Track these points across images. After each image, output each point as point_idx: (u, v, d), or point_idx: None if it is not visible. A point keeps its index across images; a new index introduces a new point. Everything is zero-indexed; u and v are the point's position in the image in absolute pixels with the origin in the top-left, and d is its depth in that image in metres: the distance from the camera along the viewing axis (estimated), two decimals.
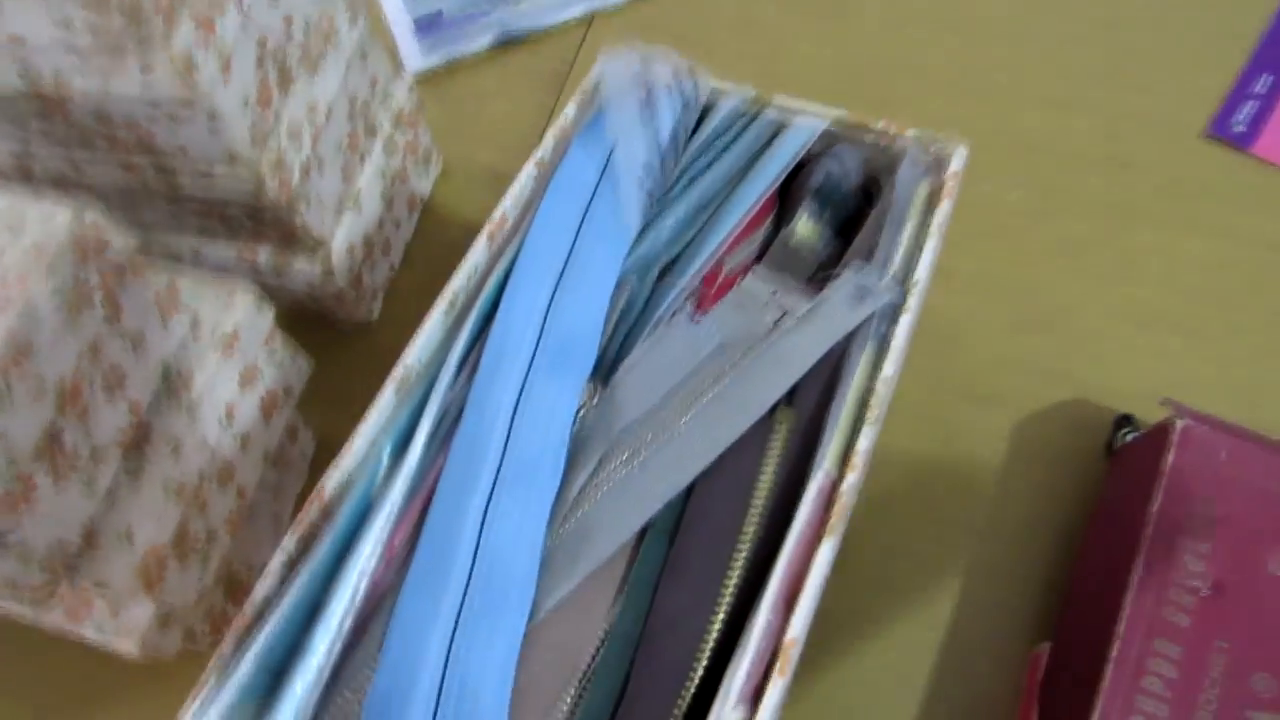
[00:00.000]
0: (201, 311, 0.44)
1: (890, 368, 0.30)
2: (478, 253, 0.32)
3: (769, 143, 0.34)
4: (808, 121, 0.35)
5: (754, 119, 0.35)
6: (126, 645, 0.42)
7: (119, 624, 0.42)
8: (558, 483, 0.27)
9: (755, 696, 0.25)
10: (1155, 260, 0.58)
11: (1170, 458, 0.44)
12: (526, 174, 0.34)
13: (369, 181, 0.57)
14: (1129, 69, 0.66)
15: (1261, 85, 0.63)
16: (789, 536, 0.27)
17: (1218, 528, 0.43)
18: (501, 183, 0.66)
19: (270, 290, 0.51)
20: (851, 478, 0.28)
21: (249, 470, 0.47)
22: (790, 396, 0.30)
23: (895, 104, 0.63)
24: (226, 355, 0.44)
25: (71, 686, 0.51)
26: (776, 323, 0.30)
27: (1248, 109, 0.62)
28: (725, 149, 0.34)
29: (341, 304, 0.58)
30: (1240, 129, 0.62)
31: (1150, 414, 0.52)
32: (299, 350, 0.51)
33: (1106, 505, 0.49)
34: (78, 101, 0.43)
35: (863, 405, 0.30)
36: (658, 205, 0.33)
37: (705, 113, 0.36)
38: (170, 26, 0.39)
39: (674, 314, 0.30)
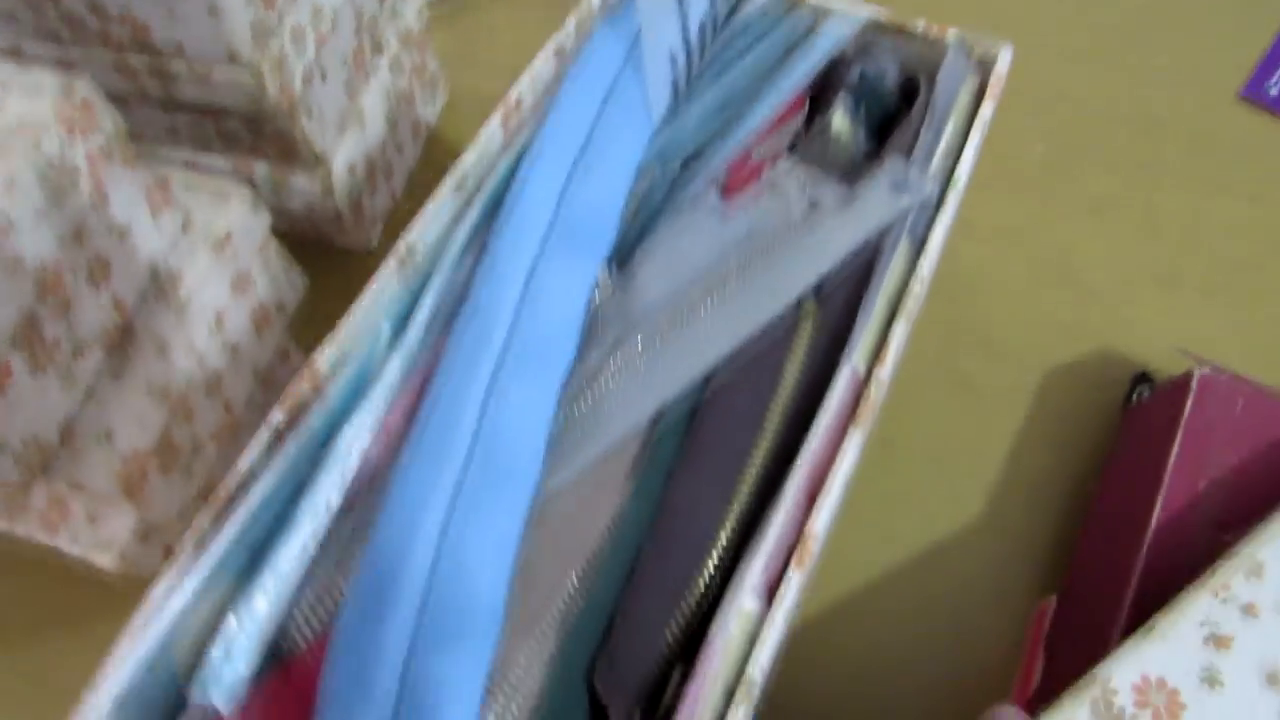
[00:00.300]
0: (194, 210, 0.42)
1: (926, 268, 0.28)
2: (490, 134, 0.30)
3: (803, 38, 0.33)
4: (843, 19, 0.33)
5: (788, 14, 0.33)
6: (105, 559, 0.40)
7: (97, 534, 0.40)
8: (568, 363, 0.25)
9: (771, 591, 0.23)
10: (1180, 220, 0.56)
11: (1189, 408, 0.43)
12: (544, 59, 0.32)
13: (373, 100, 0.55)
14: (1165, 25, 0.64)
15: None
16: (814, 429, 0.25)
17: (1234, 479, 0.42)
18: None
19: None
20: (882, 371, 0.26)
21: (237, 384, 0.45)
22: (817, 291, 0.28)
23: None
24: (218, 257, 0.42)
25: (46, 612, 0.49)
26: (807, 214, 0.28)
27: None
28: (756, 42, 0.32)
29: (340, 228, 0.56)
30: (1275, 92, 0.60)
31: (1167, 374, 0.50)
32: (294, 266, 0.49)
33: (1121, 461, 0.48)
34: None
35: (895, 304, 0.28)
36: (684, 96, 0.31)
37: (736, 5, 0.34)
38: None
39: (698, 200, 0.28)
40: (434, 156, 0.62)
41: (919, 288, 0.28)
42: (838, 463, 0.24)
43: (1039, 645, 0.44)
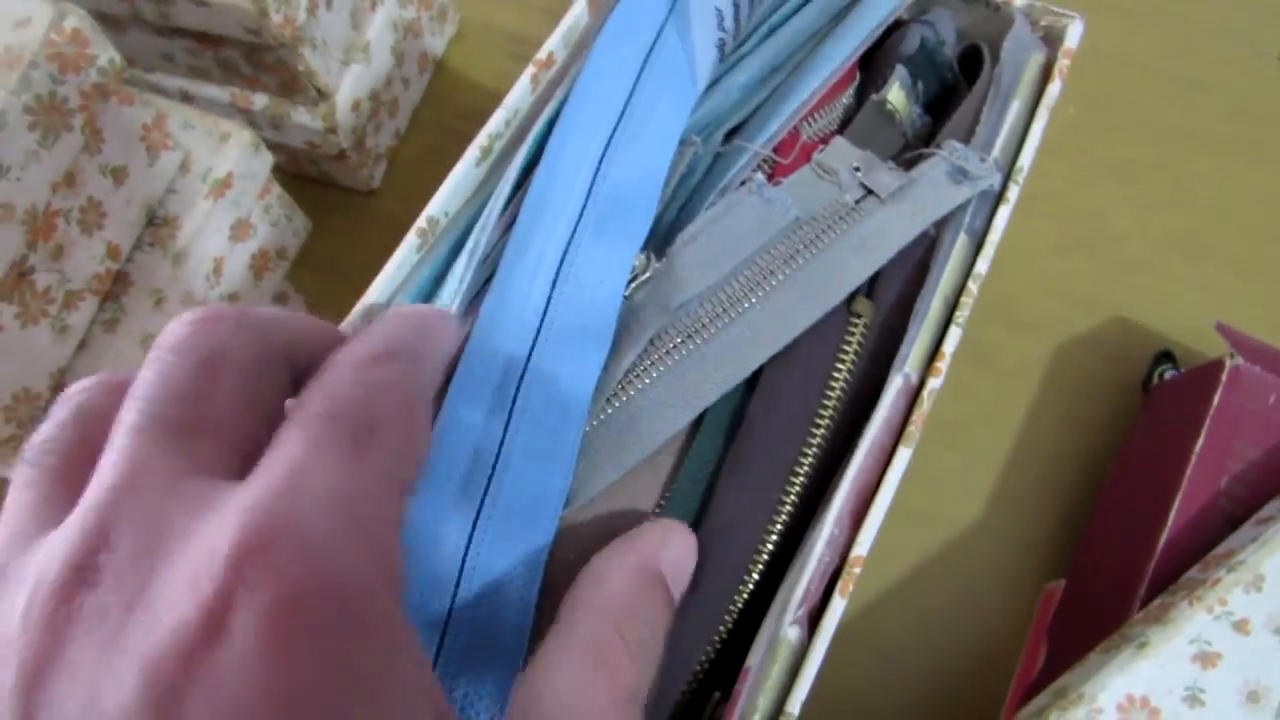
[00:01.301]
0: (193, 151, 0.40)
1: (984, 265, 0.26)
2: (519, 94, 0.28)
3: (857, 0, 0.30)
4: None
5: None
6: None
7: None
8: (604, 356, 0.23)
9: (812, 616, 0.22)
10: (1213, 190, 0.55)
11: (1218, 399, 0.42)
12: (578, 10, 0.29)
13: (379, 32, 0.52)
14: None
15: None
16: (861, 443, 0.23)
17: (1260, 477, 0.41)
18: (524, 48, 0.61)
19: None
20: (934, 382, 0.25)
21: None
22: (870, 287, 0.26)
23: None
24: (217, 202, 0.40)
25: None
26: (859, 201, 0.26)
27: None
28: (806, 2, 0.30)
29: (342, 167, 0.53)
30: None
31: (1191, 352, 0.49)
32: (296, 210, 0.47)
33: (1139, 443, 0.47)
34: None
35: (951, 305, 0.27)
36: (729, 59, 0.29)
37: None
38: None
39: (743, 182, 0.26)
40: (440, 91, 0.59)
41: (975, 287, 0.26)
42: (885, 482, 0.23)
43: (1043, 631, 0.43)
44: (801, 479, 0.24)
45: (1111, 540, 0.44)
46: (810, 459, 0.24)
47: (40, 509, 0.16)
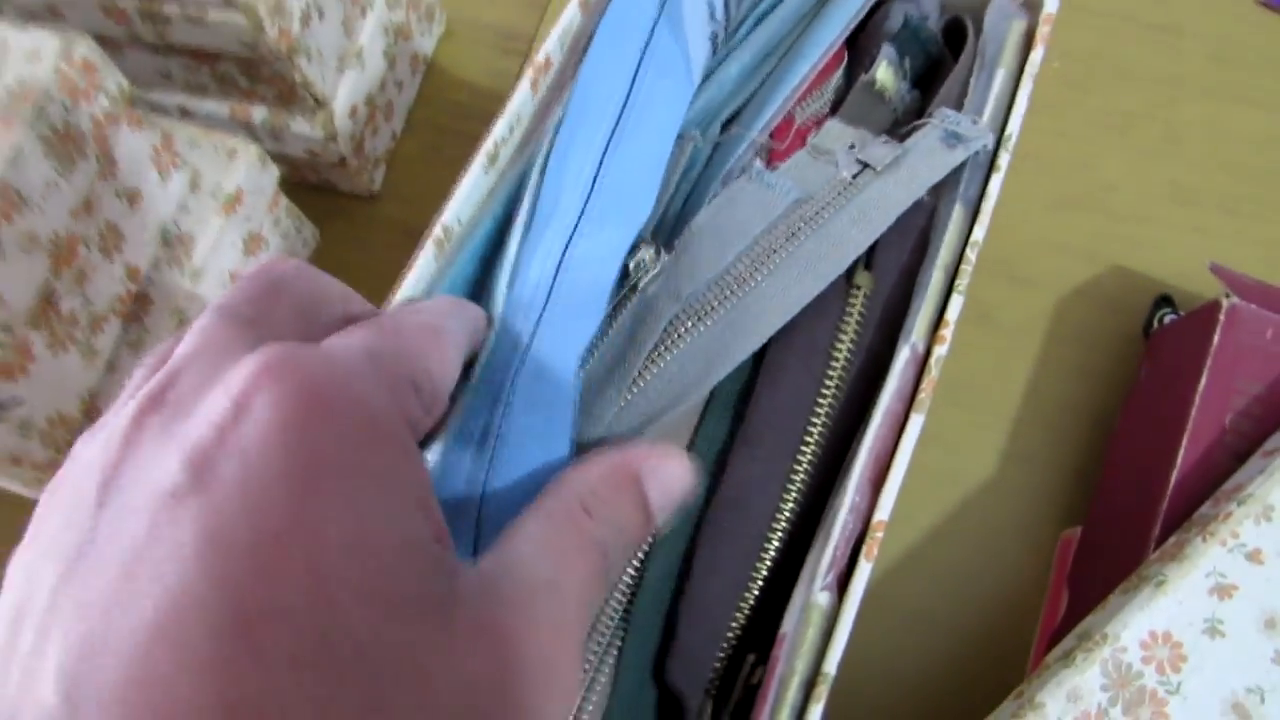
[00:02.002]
0: (202, 169, 0.40)
1: (980, 231, 0.27)
2: (520, 99, 0.29)
3: None
4: None
5: None
6: None
7: None
8: (594, 327, 0.24)
9: (841, 581, 0.23)
10: (1202, 135, 0.55)
11: (1217, 339, 0.43)
12: (571, 10, 0.30)
13: (371, 37, 0.52)
14: None
15: None
16: (875, 412, 0.25)
17: (1264, 411, 0.42)
18: (512, 43, 0.61)
19: None
20: (940, 350, 0.26)
21: None
22: (868, 259, 0.27)
23: None
24: (229, 218, 0.41)
25: None
26: (855, 176, 0.27)
27: None
28: None
29: (343, 173, 0.54)
30: None
31: (1190, 296, 0.50)
32: (305, 220, 0.48)
33: (1144, 390, 0.48)
34: None
35: (951, 273, 0.28)
36: (721, 50, 0.30)
37: None
38: None
39: (742, 171, 0.27)
40: (433, 90, 0.60)
41: (974, 255, 0.27)
42: (901, 448, 0.24)
43: (1063, 579, 0.44)
44: (812, 448, 0.25)
45: (1124, 484, 0.45)
46: (819, 429, 0.25)
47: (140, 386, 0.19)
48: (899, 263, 0.27)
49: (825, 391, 0.26)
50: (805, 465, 0.25)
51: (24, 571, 0.16)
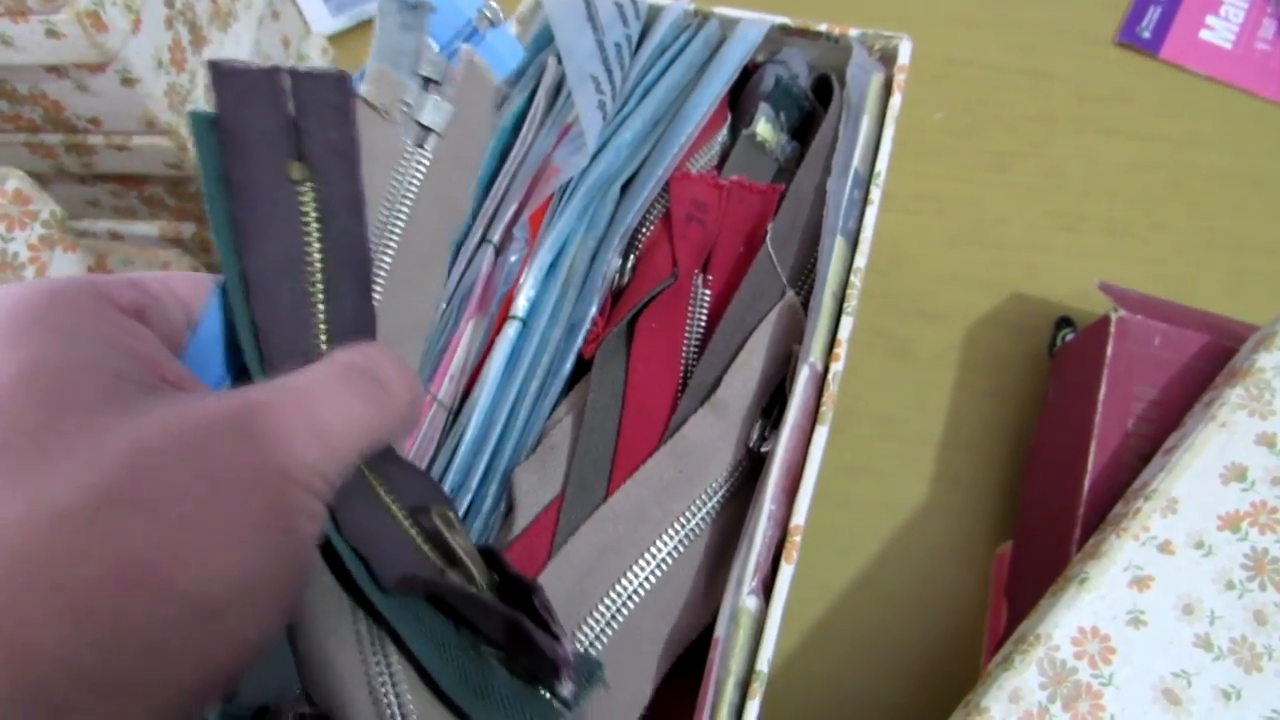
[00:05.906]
0: None
1: (861, 260, 0.30)
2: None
3: (716, 51, 0.34)
4: (751, 26, 0.34)
5: (697, 31, 0.35)
6: None
7: None
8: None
9: (765, 585, 0.25)
10: (1077, 166, 0.60)
11: (1110, 349, 0.46)
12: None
13: None
14: None
15: None
16: (783, 427, 0.27)
17: (1161, 412, 0.45)
18: None
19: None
20: (836, 366, 0.28)
21: None
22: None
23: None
24: None
25: None
26: None
27: (1151, 15, 0.64)
28: (673, 61, 0.34)
29: None
30: (1146, 35, 0.63)
31: (1086, 314, 0.54)
32: None
33: (1053, 405, 0.51)
34: None
35: (839, 298, 0.30)
36: (612, 120, 0.32)
37: (648, 25, 0.35)
38: None
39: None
40: None
41: (858, 280, 0.29)
42: (810, 458, 0.26)
43: (1001, 592, 0.46)
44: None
45: (1045, 495, 0.48)
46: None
47: None
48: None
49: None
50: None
51: None
